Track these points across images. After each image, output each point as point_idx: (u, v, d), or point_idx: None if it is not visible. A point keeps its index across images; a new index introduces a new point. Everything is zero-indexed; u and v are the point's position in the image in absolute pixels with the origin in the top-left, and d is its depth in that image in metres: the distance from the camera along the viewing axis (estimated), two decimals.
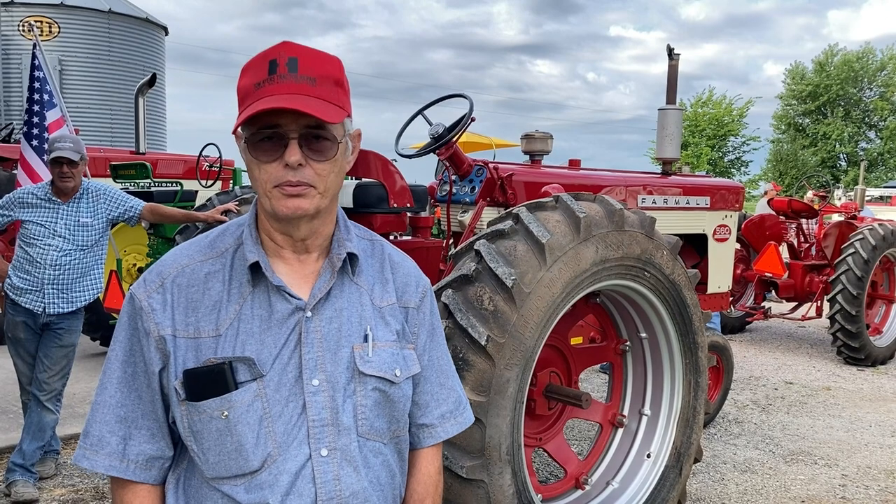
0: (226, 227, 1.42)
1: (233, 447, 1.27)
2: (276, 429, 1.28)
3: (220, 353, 1.28)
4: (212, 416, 1.27)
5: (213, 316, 1.30)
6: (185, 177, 8.09)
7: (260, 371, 1.28)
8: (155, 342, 1.30)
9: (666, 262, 3.22)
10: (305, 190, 1.28)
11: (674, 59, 4.91)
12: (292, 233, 1.34)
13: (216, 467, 1.29)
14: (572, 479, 3.46)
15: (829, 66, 48.01)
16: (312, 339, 1.32)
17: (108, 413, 1.32)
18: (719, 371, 5.43)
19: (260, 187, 1.30)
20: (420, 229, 4.18)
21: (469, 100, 3.59)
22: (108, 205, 4.26)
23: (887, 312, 8.47)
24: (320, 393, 1.31)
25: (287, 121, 1.25)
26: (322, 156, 1.28)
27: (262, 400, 1.28)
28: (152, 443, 1.33)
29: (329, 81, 1.29)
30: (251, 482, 1.29)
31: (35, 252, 4.05)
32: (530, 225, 2.80)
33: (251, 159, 1.29)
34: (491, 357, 2.62)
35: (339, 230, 1.41)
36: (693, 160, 43.29)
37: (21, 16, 15.00)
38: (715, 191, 4.94)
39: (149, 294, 1.32)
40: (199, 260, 1.35)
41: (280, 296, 1.32)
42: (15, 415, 5.29)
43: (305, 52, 1.29)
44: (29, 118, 6.00)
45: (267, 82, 1.26)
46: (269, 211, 1.30)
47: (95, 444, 1.32)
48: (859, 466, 4.93)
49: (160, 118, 17.50)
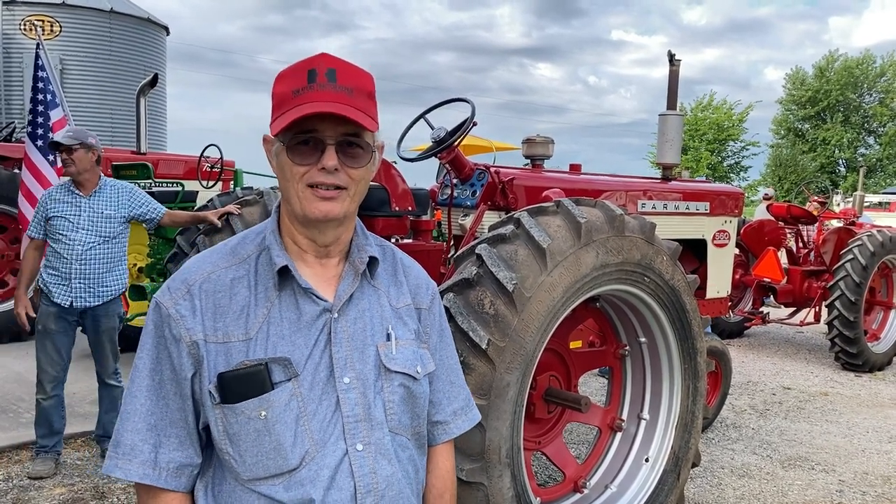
0: (245, 235, 1.46)
1: (271, 447, 1.31)
2: (313, 426, 1.33)
3: (251, 356, 1.32)
4: (250, 417, 1.30)
5: (242, 320, 1.34)
6: (185, 177, 8.10)
7: (295, 371, 1.33)
8: (187, 348, 1.32)
9: (665, 268, 3.23)
10: (338, 194, 1.34)
11: (675, 65, 4.92)
12: (318, 238, 1.39)
13: (254, 468, 1.32)
14: (571, 482, 3.48)
15: (830, 72, 48.10)
16: (341, 338, 1.37)
17: (139, 421, 1.34)
18: (718, 376, 5.44)
19: (291, 188, 1.34)
20: (421, 232, 4.20)
21: (471, 104, 3.61)
22: (130, 201, 4.40)
23: (885, 318, 8.48)
24: (352, 390, 1.36)
25: (325, 127, 1.31)
26: (356, 162, 1.35)
27: (298, 399, 1.32)
28: (181, 450, 1.35)
29: (364, 94, 1.35)
30: (290, 480, 1.32)
31: (61, 248, 4.22)
32: (531, 229, 2.81)
33: (286, 161, 1.33)
34: (491, 360, 2.63)
35: (358, 236, 1.47)
36: (693, 164, 43.33)
37: (22, 15, 15.00)
38: (714, 196, 4.96)
39: (175, 301, 1.34)
40: (224, 266, 1.39)
41: (308, 298, 1.37)
42: (15, 414, 5.30)
43: (343, 64, 1.35)
44: (33, 118, 6.01)
45: (307, 90, 1.31)
46: (299, 213, 1.35)
47: (128, 453, 1.34)
48: (856, 472, 4.95)
49: (161, 118, 17.49)
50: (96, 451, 4.73)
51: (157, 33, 17.22)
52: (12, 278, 7.88)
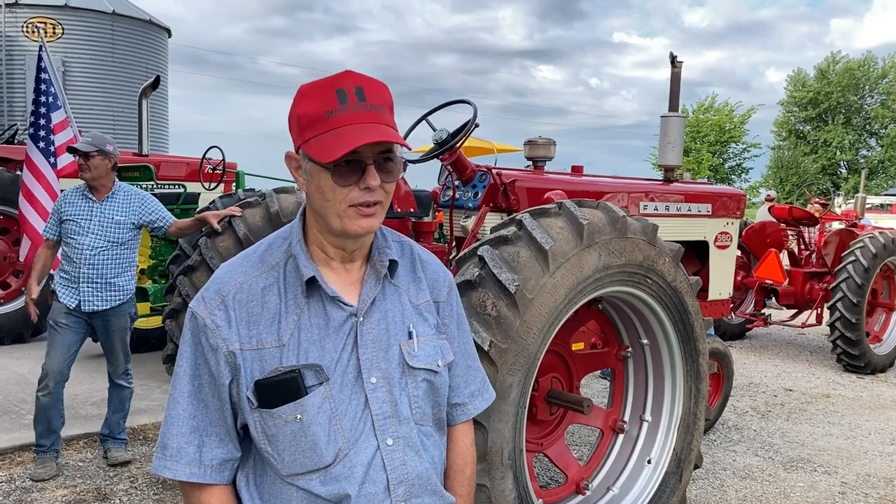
0: (271, 242, 1.51)
1: (307, 446, 1.40)
2: (344, 425, 1.41)
3: (285, 362, 1.40)
4: (286, 421, 1.39)
5: (274, 327, 1.41)
6: (187, 179, 8.11)
7: (326, 375, 1.40)
8: (224, 357, 1.40)
9: (668, 269, 3.23)
10: (376, 210, 1.41)
11: (676, 67, 4.93)
12: (348, 246, 1.46)
13: (292, 465, 1.41)
14: (573, 484, 3.47)
15: (831, 74, 48.13)
16: (366, 340, 1.45)
17: (182, 425, 1.43)
18: (720, 378, 5.44)
19: (332, 208, 1.39)
20: (423, 234, 4.20)
21: (473, 106, 3.61)
22: (142, 209, 4.45)
23: (887, 320, 8.48)
24: (379, 389, 1.44)
25: (365, 148, 1.36)
26: (392, 177, 1.43)
27: (330, 401, 1.40)
28: (222, 447, 1.45)
29: (388, 108, 1.42)
30: (326, 475, 1.41)
31: (71, 251, 4.30)
32: (533, 231, 2.81)
33: (329, 184, 1.37)
34: (494, 362, 2.63)
35: (377, 238, 1.53)
36: (694, 166, 43.34)
37: (25, 17, 15.03)
38: (716, 198, 4.96)
39: (211, 311, 1.41)
40: (255, 276, 1.45)
41: (335, 304, 1.44)
42: (17, 415, 5.30)
43: (367, 80, 1.40)
44: (35, 120, 6.02)
45: (340, 111, 1.36)
46: (339, 229, 1.41)
47: (175, 455, 1.43)
48: (858, 474, 4.95)
49: (163, 120, 17.52)
50: (98, 453, 4.73)
51: (158, 35, 17.26)
52: (15, 280, 7.90)
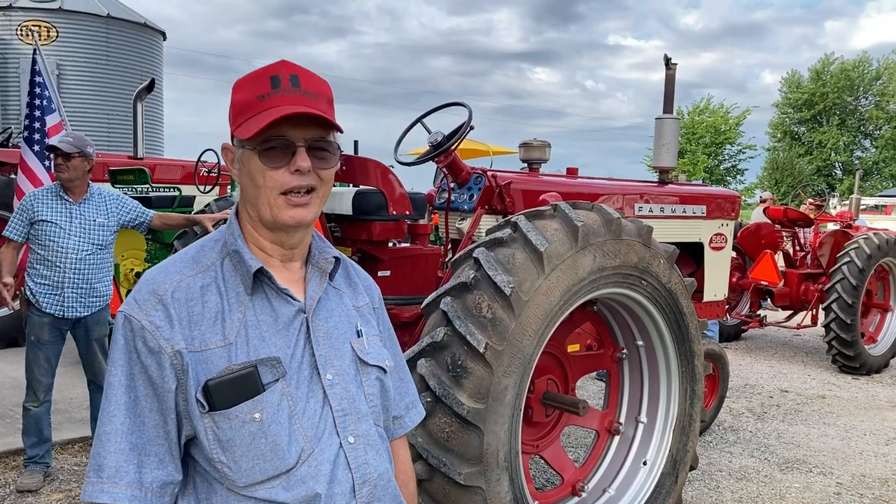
0: (202, 244, 1.44)
1: (268, 448, 1.30)
2: (305, 423, 1.34)
3: (234, 361, 1.31)
4: (244, 421, 1.29)
5: (218, 327, 1.32)
6: (183, 182, 8.11)
7: (283, 370, 1.33)
8: (169, 358, 1.29)
9: (662, 271, 3.24)
10: (309, 199, 1.36)
11: (671, 69, 4.94)
12: (285, 241, 1.40)
13: (251, 473, 1.30)
14: (569, 486, 3.48)
15: (826, 75, 48.26)
16: (318, 336, 1.39)
17: (121, 441, 1.29)
18: (715, 379, 5.45)
19: (263, 195, 1.34)
20: (418, 236, 4.20)
21: (468, 108, 3.61)
22: (119, 209, 4.37)
23: (882, 321, 8.51)
24: (336, 385, 1.39)
25: (295, 131, 1.33)
26: (326, 163, 1.38)
27: (289, 398, 1.33)
28: (161, 468, 1.31)
29: (325, 98, 1.38)
30: (290, 479, 1.32)
31: (52, 255, 4.12)
32: (528, 233, 2.82)
33: (258, 166, 1.33)
34: (489, 364, 2.63)
35: (315, 239, 1.49)
36: (690, 168, 43.42)
37: (19, 20, 15.00)
38: (711, 200, 4.97)
39: (147, 312, 1.30)
40: (190, 275, 1.36)
41: (282, 300, 1.38)
42: (12, 420, 5.28)
43: (302, 70, 1.38)
44: (30, 123, 6.00)
45: (273, 94, 1.33)
46: (269, 219, 1.36)
47: (114, 476, 1.28)
48: (854, 475, 4.96)
49: (158, 123, 17.49)
50: None
51: (153, 38, 17.23)
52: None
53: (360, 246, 3.83)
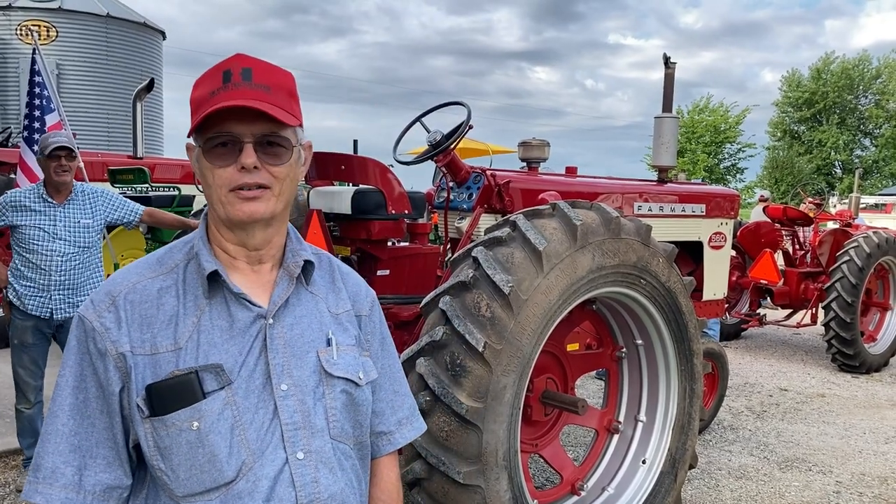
0: (172, 245, 1.41)
1: (205, 459, 1.25)
2: (249, 436, 1.27)
3: (182, 366, 1.26)
4: (181, 429, 1.24)
5: (170, 330, 1.28)
6: (182, 182, 8.12)
7: (228, 378, 1.27)
8: (114, 361, 1.26)
9: (662, 270, 3.24)
10: (261, 193, 1.29)
11: (670, 68, 4.94)
12: (247, 241, 1.34)
13: (188, 483, 1.26)
14: (568, 484, 3.48)
15: (826, 74, 48.23)
16: (277, 345, 1.32)
17: (60, 442, 1.27)
18: (714, 378, 5.45)
19: (214, 194, 1.30)
20: (417, 236, 4.20)
21: (467, 107, 3.62)
22: (106, 207, 4.27)
23: (881, 320, 8.50)
24: (290, 397, 1.31)
25: (242, 126, 1.27)
26: (277, 160, 1.31)
27: (233, 407, 1.26)
28: (109, 472, 1.28)
29: (283, 91, 1.32)
30: (227, 494, 1.26)
31: (38, 259, 4.05)
32: (527, 232, 2.82)
33: (206, 165, 1.30)
34: (488, 363, 2.64)
35: (292, 241, 1.43)
36: (689, 167, 43.41)
37: (19, 20, 15.02)
38: (710, 198, 4.97)
39: (99, 314, 1.28)
40: (150, 277, 1.33)
41: (240, 304, 1.32)
42: (12, 419, 5.27)
43: (259, 63, 1.32)
44: (29, 122, 6.00)
45: (221, 90, 1.28)
46: (224, 217, 1.31)
47: (49, 477, 1.26)
48: (853, 473, 4.96)
49: (157, 122, 17.52)
50: None
51: (153, 38, 17.25)
52: None
53: (359, 245, 3.83)
